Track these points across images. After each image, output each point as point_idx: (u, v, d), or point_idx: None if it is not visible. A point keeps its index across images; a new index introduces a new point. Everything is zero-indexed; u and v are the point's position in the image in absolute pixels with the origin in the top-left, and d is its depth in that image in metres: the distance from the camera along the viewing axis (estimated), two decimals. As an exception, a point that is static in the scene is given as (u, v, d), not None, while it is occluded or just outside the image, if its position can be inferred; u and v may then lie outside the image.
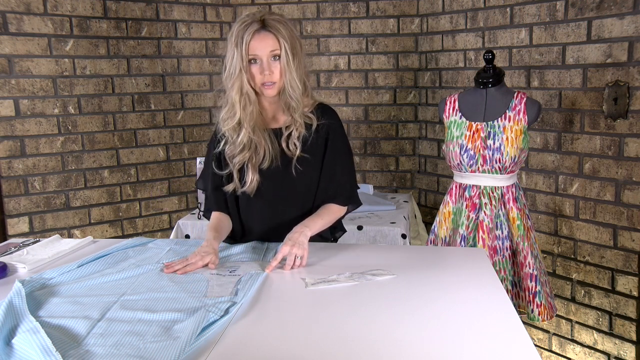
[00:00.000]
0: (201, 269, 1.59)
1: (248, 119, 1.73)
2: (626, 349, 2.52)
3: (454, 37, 3.19)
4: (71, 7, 3.02)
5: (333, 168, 1.81)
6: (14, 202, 2.95)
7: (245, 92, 1.71)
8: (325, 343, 1.15)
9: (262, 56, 1.67)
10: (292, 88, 1.71)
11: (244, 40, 1.65)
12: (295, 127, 1.75)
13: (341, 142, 1.84)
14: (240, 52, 1.66)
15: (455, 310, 1.30)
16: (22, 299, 1.32)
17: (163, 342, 1.12)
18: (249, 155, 1.75)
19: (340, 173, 1.83)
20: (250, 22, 1.66)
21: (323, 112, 1.80)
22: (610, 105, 2.45)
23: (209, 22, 3.52)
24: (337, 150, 1.82)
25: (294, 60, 1.68)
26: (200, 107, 3.55)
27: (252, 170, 1.76)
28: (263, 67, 1.67)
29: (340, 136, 1.84)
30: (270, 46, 1.66)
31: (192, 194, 3.55)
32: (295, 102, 1.73)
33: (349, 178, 1.86)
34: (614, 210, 2.51)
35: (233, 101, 1.72)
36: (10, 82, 2.88)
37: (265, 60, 1.67)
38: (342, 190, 1.83)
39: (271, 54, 1.67)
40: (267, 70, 1.67)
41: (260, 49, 1.66)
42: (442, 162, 3.37)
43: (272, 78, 1.69)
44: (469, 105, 2.40)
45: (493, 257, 2.33)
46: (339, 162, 1.82)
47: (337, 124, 1.83)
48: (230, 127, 1.75)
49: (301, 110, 1.74)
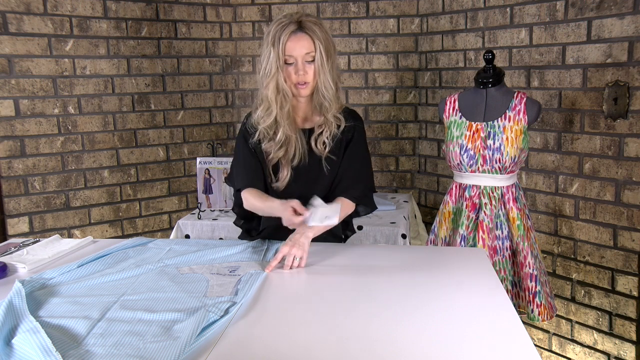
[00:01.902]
0: (201, 269, 1.60)
1: (285, 117, 1.78)
2: (626, 349, 2.52)
3: (454, 37, 3.19)
4: (71, 7, 3.02)
5: (350, 165, 1.85)
6: (14, 202, 2.95)
7: (281, 90, 1.75)
8: (325, 343, 1.15)
9: (297, 57, 1.72)
10: (325, 89, 1.76)
11: (281, 41, 1.70)
12: (328, 126, 1.80)
13: (363, 143, 1.90)
14: (276, 52, 1.70)
15: (455, 310, 1.30)
16: (22, 299, 1.32)
17: (163, 342, 1.12)
18: (283, 152, 1.80)
19: (356, 170, 1.86)
20: (287, 23, 1.71)
21: (350, 115, 1.86)
22: (610, 105, 2.45)
23: (209, 22, 3.52)
24: (357, 150, 1.87)
25: (327, 62, 1.73)
26: (200, 107, 3.55)
27: (285, 167, 1.81)
28: (298, 68, 1.72)
29: (363, 139, 1.90)
30: (305, 48, 1.71)
31: (192, 194, 3.55)
32: (328, 102, 1.78)
33: (364, 178, 1.89)
34: (614, 210, 2.51)
35: (270, 100, 1.76)
36: (10, 82, 2.88)
37: (300, 61, 1.72)
38: (355, 187, 1.86)
39: (307, 55, 1.72)
40: (302, 71, 1.72)
41: (296, 50, 1.71)
42: (442, 162, 3.37)
43: (306, 78, 1.74)
44: (469, 105, 2.40)
45: (493, 257, 2.33)
46: (357, 161, 1.87)
47: (362, 127, 1.89)
48: (267, 124, 1.78)
49: (334, 110, 1.79)
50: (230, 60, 3.61)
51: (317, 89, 1.77)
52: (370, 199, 1.92)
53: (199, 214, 3.01)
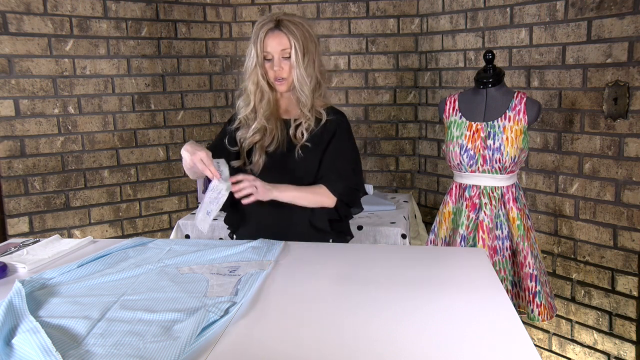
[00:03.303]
0: (201, 269, 1.60)
1: (263, 110, 1.89)
2: (626, 349, 2.52)
3: (454, 37, 3.19)
4: (71, 7, 3.02)
5: (332, 162, 1.90)
6: (14, 202, 2.95)
7: (260, 85, 1.87)
8: (325, 343, 1.15)
9: (274, 53, 1.83)
10: (300, 84, 1.85)
11: (259, 38, 1.83)
12: (304, 120, 1.88)
13: (346, 141, 1.94)
14: (256, 48, 1.84)
15: (455, 310, 1.30)
16: (22, 299, 1.32)
17: (163, 342, 1.12)
18: (258, 138, 1.89)
19: (337, 168, 1.90)
20: (267, 21, 1.83)
21: (334, 112, 1.93)
22: (610, 105, 2.45)
23: (209, 22, 3.52)
24: (339, 147, 1.91)
25: (303, 59, 1.82)
26: (200, 107, 3.55)
27: (259, 151, 1.90)
28: (274, 64, 1.84)
29: (347, 133, 1.95)
30: (281, 44, 1.82)
31: (192, 194, 3.55)
32: (305, 98, 1.87)
33: (347, 176, 1.91)
34: (614, 210, 2.51)
35: (249, 92, 1.90)
36: (10, 82, 2.88)
37: (277, 57, 1.84)
38: (337, 182, 1.89)
39: (283, 52, 1.83)
40: (278, 67, 1.84)
41: (272, 47, 1.83)
42: (442, 162, 3.37)
43: (282, 74, 1.85)
44: (469, 105, 2.40)
45: (493, 257, 2.33)
46: (338, 159, 1.91)
47: (345, 123, 1.96)
48: (245, 114, 1.92)
49: (310, 105, 1.87)
50: (230, 60, 3.61)
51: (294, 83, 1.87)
52: (356, 198, 1.95)
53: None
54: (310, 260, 1.66)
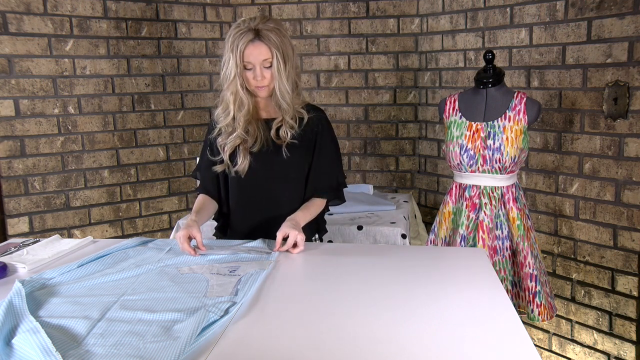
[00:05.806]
0: (201, 269, 1.60)
1: (243, 118, 1.87)
2: (626, 349, 2.52)
3: (454, 37, 3.19)
4: (71, 7, 3.02)
5: (320, 161, 1.95)
6: (14, 202, 2.95)
7: (239, 95, 1.85)
8: (325, 343, 1.15)
9: (255, 63, 1.81)
10: (282, 92, 1.85)
11: (239, 49, 1.78)
12: (285, 125, 1.88)
13: (330, 136, 1.98)
14: (235, 58, 1.80)
15: (455, 310, 1.30)
16: (22, 299, 1.32)
17: (163, 342, 1.12)
18: (240, 141, 1.88)
19: (327, 167, 1.96)
20: (245, 30, 1.79)
21: (313, 109, 1.96)
22: (610, 105, 2.45)
23: (209, 22, 3.52)
24: (325, 144, 1.96)
25: (285, 67, 1.82)
26: (200, 107, 3.55)
27: (243, 154, 1.89)
28: (256, 74, 1.82)
29: (329, 131, 1.98)
30: (263, 55, 1.79)
31: (192, 194, 3.55)
32: (286, 106, 1.87)
33: (336, 173, 1.99)
34: (614, 210, 2.51)
35: (227, 101, 1.87)
36: (10, 82, 2.88)
37: (258, 67, 1.81)
38: (327, 184, 1.96)
39: (264, 61, 1.80)
40: (260, 76, 1.82)
41: (253, 57, 1.80)
42: (442, 162, 3.37)
43: (264, 82, 1.84)
44: (469, 105, 2.40)
45: (493, 257, 2.33)
46: (325, 157, 1.96)
47: (326, 119, 2.00)
48: (225, 124, 1.90)
49: (292, 112, 1.88)
50: (230, 60, 3.61)
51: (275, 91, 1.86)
52: (340, 192, 2.01)
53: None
54: (310, 260, 1.66)
